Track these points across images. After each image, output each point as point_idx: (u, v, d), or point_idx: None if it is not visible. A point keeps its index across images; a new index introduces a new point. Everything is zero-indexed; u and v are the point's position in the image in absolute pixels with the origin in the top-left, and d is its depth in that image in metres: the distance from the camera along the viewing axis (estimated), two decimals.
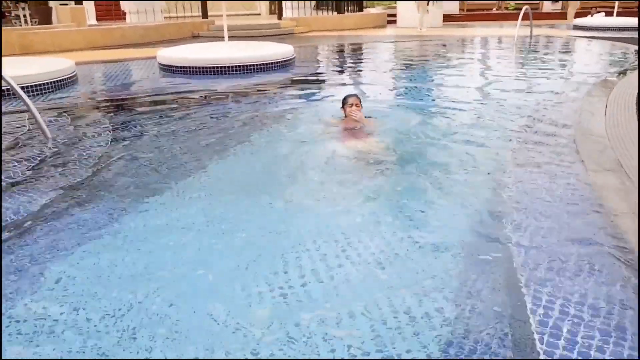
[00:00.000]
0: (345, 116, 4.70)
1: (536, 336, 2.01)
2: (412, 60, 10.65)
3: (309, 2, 16.56)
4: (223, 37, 9.16)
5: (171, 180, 3.74)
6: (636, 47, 10.91)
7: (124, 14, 13.98)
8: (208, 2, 14.79)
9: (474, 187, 3.57)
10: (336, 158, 4.15)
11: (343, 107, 4.72)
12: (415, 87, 7.68)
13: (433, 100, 6.71)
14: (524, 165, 3.94)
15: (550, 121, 5.19)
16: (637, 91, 6.33)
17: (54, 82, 6.89)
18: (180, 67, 8.03)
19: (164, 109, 6.04)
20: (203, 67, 7.93)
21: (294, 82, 7.80)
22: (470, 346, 1.97)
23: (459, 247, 2.72)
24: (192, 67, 7.96)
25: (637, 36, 13.11)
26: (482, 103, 6.23)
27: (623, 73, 8.12)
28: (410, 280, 2.41)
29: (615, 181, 3.54)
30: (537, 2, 21.22)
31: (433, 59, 10.75)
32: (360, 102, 4.69)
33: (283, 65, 8.50)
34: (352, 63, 10.48)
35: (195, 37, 13.74)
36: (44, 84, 6.71)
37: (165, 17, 14.56)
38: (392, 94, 7.23)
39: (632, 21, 15.85)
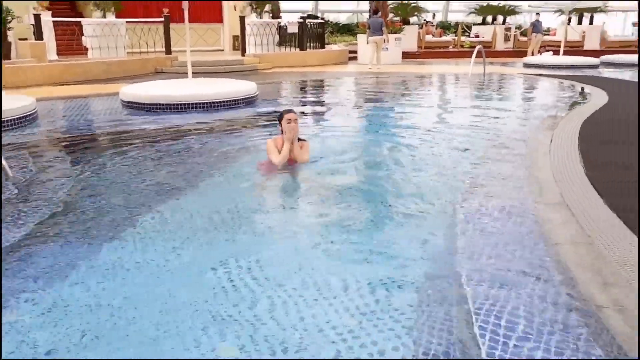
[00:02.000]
0: (282, 132, 4.71)
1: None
2: (371, 95, 11.03)
3: (272, 38, 16.94)
4: (187, 73, 9.29)
5: (132, 218, 3.77)
6: (581, 85, 11.63)
7: (86, 49, 13.94)
8: (172, 38, 14.96)
9: (426, 218, 3.76)
10: (287, 192, 4.30)
11: (280, 122, 4.71)
12: (374, 121, 7.98)
13: (389, 134, 6.99)
14: (474, 197, 4.16)
15: (500, 155, 5.49)
16: (579, 125, 6.78)
17: (14, 119, 6.83)
18: (143, 104, 8.09)
19: (126, 146, 6.06)
20: (166, 104, 8.02)
21: (256, 118, 7.95)
22: None
23: (408, 277, 2.86)
24: (155, 104, 8.03)
25: (581, 74, 13.97)
26: (435, 137, 6.51)
27: (568, 109, 8.65)
28: (363, 308, 2.54)
29: (558, 214, 3.79)
30: (490, 41, 22.32)
31: (392, 94, 11.17)
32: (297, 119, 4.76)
33: (246, 102, 8.66)
34: (314, 99, 10.78)
35: (158, 73, 13.82)
36: (3, 121, 6.64)
37: (128, 53, 14.60)
38: (351, 127, 7.46)
39: (577, 60, 16.89)
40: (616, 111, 8.26)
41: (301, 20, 17.61)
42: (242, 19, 15.93)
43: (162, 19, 14.70)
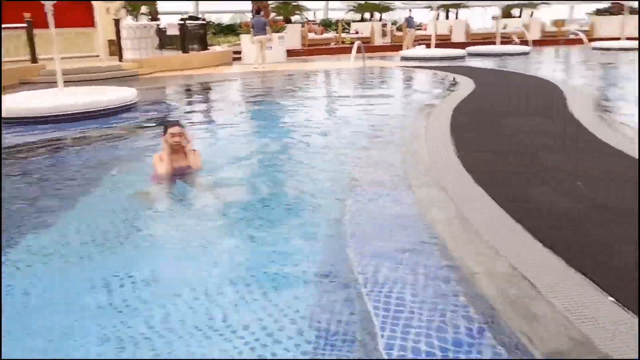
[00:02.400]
0: (167, 146, 4.41)
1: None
2: (259, 94, 11.04)
3: (151, 42, 16.26)
4: (55, 82, 8.61)
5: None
6: (451, 75, 12.57)
7: None
8: (37, 45, 13.77)
9: (315, 210, 3.88)
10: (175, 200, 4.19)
11: (163, 135, 4.41)
12: (263, 120, 8.01)
13: (279, 131, 7.06)
14: (361, 184, 4.35)
15: (382, 143, 5.79)
16: (451, 112, 7.35)
17: None
18: (10, 118, 7.37)
19: None
20: (35, 117, 7.38)
21: (137, 126, 7.59)
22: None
23: (303, 268, 2.94)
24: (24, 118, 7.36)
25: (451, 65, 15.10)
26: (322, 131, 6.71)
27: (441, 97, 9.31)
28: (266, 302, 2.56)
29: (433, 194, 4.09)
30: (369, 37, 23.34)
31: (279, 91, 11.27)
32: (185, 130, 4.48)
33: (125, 109, 8.25)
34: (201, 102, 10.54)
35: (24, 84, 12.66)
36: None
37: None
38: (240, 128, 7.42)
39: (447, 52, 18.23)
40: (481, 97, 9.05)
41: (181, 22, 17.10)
42: (116, 22, 15.12)
43: (25, 25, 13.48)
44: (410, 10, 22.53)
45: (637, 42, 20.03)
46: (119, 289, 2.78)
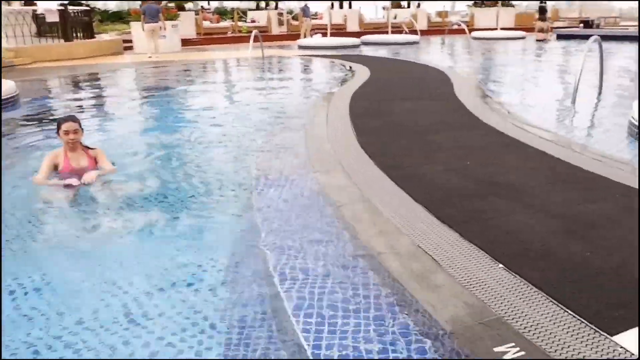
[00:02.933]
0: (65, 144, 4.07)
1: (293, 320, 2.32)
2: (155, 85, 10.57)
3: (28, 29, 14.86)
4: None
5: None
6: (344, 62, 12.91)
7: None
8: None
9: (224, 202, 3.83)
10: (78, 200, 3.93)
11: (58, 133, 4.06)
12: (157, 113, 7.70)
13: (176, 124, 6.82)
14: (266, 172, 4.36)
15: (285, 131, 5.84)
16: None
17: None
18: None
19: None
20: None
21: (19, 124, 6.94)
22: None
23: (217, 261, 2.91)
24: None
25: (347, 53, 15.51)
26: (224, 121, 6.61)
27: (340, 84, 9.56)
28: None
29: (336, 179, 4.22)
30: (266, 26, 23.22)
31: (176, 82, 10.87)
32: (80, 125, 4.09)
33: (5, 104, 7.49)
34: (90, 96, 9.84)
35: None
36: None
37: None
38: (135, 123, 7.07)
39: (342, 40, 18.68)
40: (376, 84, 9.42)
41: (62, 7, 15.80)
42: None
43: None
44: None
45: (509, 32, 21.99)
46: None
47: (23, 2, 17.32)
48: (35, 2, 17.94)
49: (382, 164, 4.49)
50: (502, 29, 22.44)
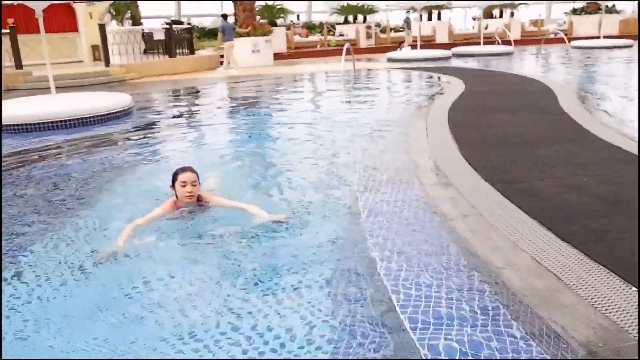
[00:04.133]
0: (177, 197, 3.58)
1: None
2: (251, 99, 11.04)
3: (137, 46, 16.13)
4: (44, 89, 8.51)
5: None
6: (437, 75, 12.73)
7: None
8: (21, 49, 13.56)
9: (333, 212, 3.86)
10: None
11: (173, 185, 3.54)
12: (257, 125, 8.00)
13: (275, 137, 7.05)
14: (370, 188, 4.39)
15: (383, 144, 5.85)
16: (448, 112, 7.45)
17: None
18: (7, 125, 7.26)
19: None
20: (32, 124, 7.28)
21: (134, 132, 7.54)
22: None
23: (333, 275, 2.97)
24: (20, 125, 7.26)
25: (437, 65, 15.28)
26: (322, 132, 6.73)
27: (435, 97, 9.43)
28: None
29: (445, 192, 4.17)
30: (354, 39, 23.47)
31: (271, 95, 11.28)
32: (198, 177, 3.57)
33: (121, 115, 8.19)
34: (193, 107, 10.49)
35: (10, 91, 12.45)
36: None
37: None
38: (235, 136, 7.39)
39: (432, 53, 18.45)
40: (473, 96, 9.20)
41: (167, 26, 17.01)
42: (101, 27, 14.95)
43: (8, 30, 13.27)
44: (408, 11, 22.87)
45: (615, 40, 20.56)
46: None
47: (132, 22, 18.83)
48: (142, 22, 19.44)
49: (490, 177, 4.37)
50: (605, 37, 21.05)
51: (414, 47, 19.50)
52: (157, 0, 24.75)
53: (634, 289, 2.59)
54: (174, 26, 17.49)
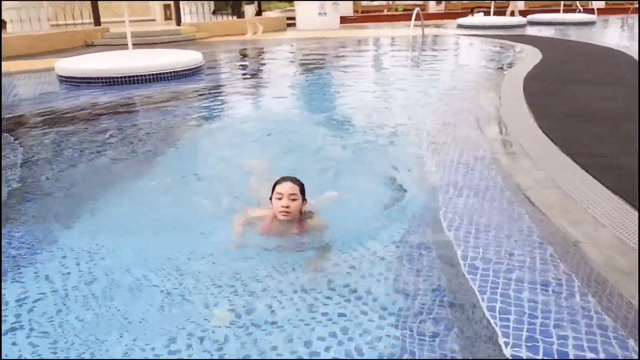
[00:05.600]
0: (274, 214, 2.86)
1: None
2: (318, 62, 10.99)
3: (207, 6, 16.36)
4: (119, 45, 8.85)
5: (81, 202, 3.54)
6: (512, 43, 12.13)
7: (5, 23, 12.88)
8: (99, 7, 14.09)
9: (401, 183, 3.75)
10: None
11: (271, 196, 2.86)
12: (324, 90, 7.97)
13: (340, 103, 6.92)
14: (442, 158, 4.28)
15: (456, 114, 5.69)
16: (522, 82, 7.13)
17: None
18: (84, 78, 7.66)
19: (72, 123, 5.75)
20: (110, 78, 7.63)
21: (206, 90, 7.74)
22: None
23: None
24: (98, 78, 7.63)
25: (513, 33, 14.56)
26: (390, 102, 6.63)
27: (509, 67, 9.03)
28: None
29: (521, 163, 4.04)
30: (423, 2, 22.68)
31: (337, 60, 11.18)
32: (303, 189, 2.85)
33: (193, 72, 8.41)
34: (260, 68, 10.60)
35: (89, 47, 13.03)
36: None
37: (52, 25, 13.65)
38: (299, 99, 7.38)
39: (507, 20, 17.56)
40: (551, 66, 8.72)
41: None
42: None
43: None
44: None
45: None
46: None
47: None
48: None
49: (570, 150, 4.18)
50: None
51: (486, 13, 18.62)
52: None
53: None
54: None
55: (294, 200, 2.78)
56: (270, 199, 2.85)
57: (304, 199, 2.84)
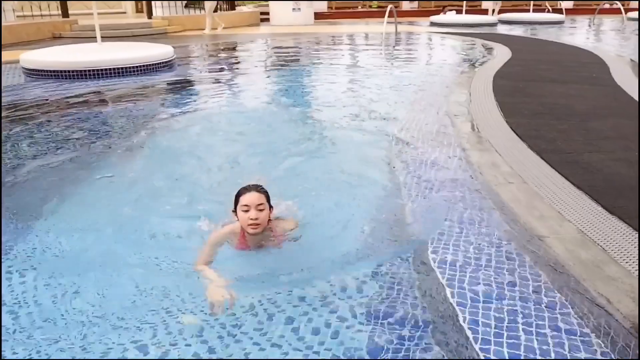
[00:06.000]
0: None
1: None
2: (291, 57, 10.95)
3: (179, 0, 16.09)
4: (88, 38, 8.64)
5: (49, 196, 3.48)
6: (486, 42, 12.30)
7: None
8: (68, 1, 13.72)
9: (366, 182, 3.75)
10: None
11: (235, 207, 2.63)
12: (296, 85, 7.93)
13: (312, 98, 6.95)
14: (412, 152, 4.34)
15: (425, 111, 5.72)
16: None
17: None
18: (51, 71, 7.44)
19: (35, 118, 5.58)
20: (77, 71, 7.43)
21: (176, 84, 7.63)
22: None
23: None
24: (65, 71, 7.42)
25: (484, 32, 14.76)
26: (361, 97, 6.64)
27: (479, 64, 9.15)
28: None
29: (488, 158, 4.09)
30: (397, 1, 22.78)
31: (311, 55, 11.15)
32: (268, 196, 2.65)
33: (164, 66, 8.27)
34: (233, 62, 10.48)
35: (56, 38, 12.68)
36: None
37: (18, 17, 13.21)
38: (272, 95, 7.32)
39: (479, 18, 17.79)
40: (520, 64, 8.87)
41: None
42: None
43: None
44: None
45: None
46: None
47: None
48: None
49: (537, 147, 4.27)
50: None
51: (459, 12, 18.82)
52: None
53: None
54: None
55: (261, 210, 2.57)
56: (234, 211, 2.62)
57: (270, 207, 2.66)
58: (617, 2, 20.50)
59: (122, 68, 7.62)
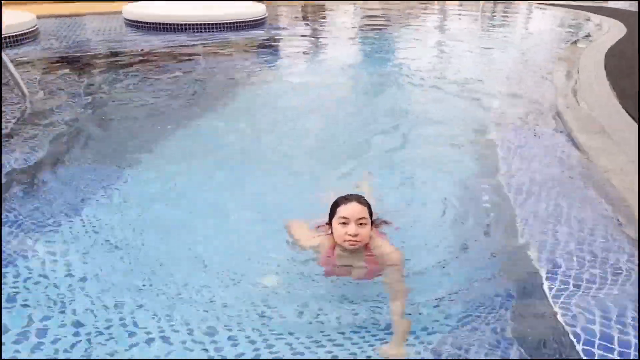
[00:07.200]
0: (332, 233, 2.20)
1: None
2: (386, 21, 10.60)
3: None
4: None
5: (144, 142, 3.70)
6: (594, 16, 11.26)
7: None
8: None
9: (465, 161, 3.61)
10: None
11: (330, 219, 2.20)
12: (384, 49, 7.68)
13: (405, 67, 6.66)
14: (511, 130, 4.06)
15: (532, 90, 5.34)
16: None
17: (16, 36, 6.47)
18: (150, 23, 7.71)
19: (135, 66, 5.86)
20: (174, 24, 7.65)
21: (268, 41, 7.66)
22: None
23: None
24: (163, 24, 7.66)
25: (594, 5, 13.53)
26: (460, 71, 6.29)
27: (585, 39, 8.40)
28: None
29: (600, 143, 3.75)
30: None
31: (403, 20, 10.76)
32: (370, 209, 2.18)
33: (255, 24, 8.32)
34: (324, 23, 10.34)
35: None
36: (4, 37, 6.28)
37: None
38: (364, 59, 7.16)
39: None
40: (638, 42, 8.03)
41: None
42: None
43: None
44: None
45: None
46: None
47: None
48: None
49: None
50: None
51: None
52: None
53: None
54: None
55: (362, 224, 2.10)
56: (329, 223, 2.18)
57: (372, 222, 2.17)
58: None
59: (217, 24, 7.74)
